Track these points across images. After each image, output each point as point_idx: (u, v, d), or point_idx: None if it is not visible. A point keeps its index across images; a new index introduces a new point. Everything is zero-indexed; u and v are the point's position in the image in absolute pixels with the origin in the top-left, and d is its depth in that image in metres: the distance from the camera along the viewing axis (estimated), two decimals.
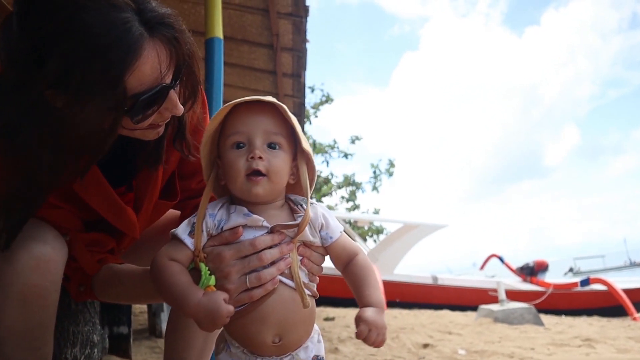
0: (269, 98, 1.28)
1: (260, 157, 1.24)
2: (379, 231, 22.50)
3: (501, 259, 15.69)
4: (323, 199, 22.36)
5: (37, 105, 1.12)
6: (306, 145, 1.31)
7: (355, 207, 23.03)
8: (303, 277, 1.27)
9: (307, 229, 1.28)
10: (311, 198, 1.33)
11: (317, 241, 1.31)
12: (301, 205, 1.32)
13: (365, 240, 20.69)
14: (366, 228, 22.08)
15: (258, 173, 1.24)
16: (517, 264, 15.42)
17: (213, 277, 1.23)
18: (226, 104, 1.28)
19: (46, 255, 1.33)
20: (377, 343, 1.20)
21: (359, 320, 1.20)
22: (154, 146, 1.46)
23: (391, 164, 23.51)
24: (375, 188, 23.33)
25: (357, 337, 1.21)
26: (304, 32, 4.79)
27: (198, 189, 1.68)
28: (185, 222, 1.29)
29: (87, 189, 1.43)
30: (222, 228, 1.27)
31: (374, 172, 23.43)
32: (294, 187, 1.37)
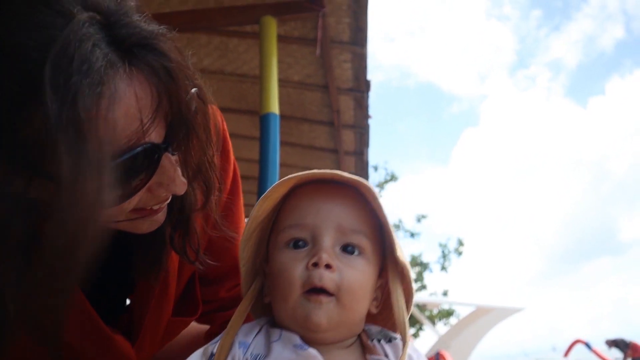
0: (349, 175, 0.86)
1: (328, 266, 0.80)
2: (449, 314, 21.39)
3: (588, 345, 14.39)
4: None
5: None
6: (401, 253, 0.88)
7: (423, 287, 22.12)
8: None
9: None
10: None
11: None
12: (379, 341, 0.87)
13: (434, 324, 19.66)
14: (435, 311, 21.06)
15: (321, 290, 0.80)
16: (602, 348, 14.11)
17: None
18: (284, 178, 0.88)
19: None
20: None
21: None
22: (149, 243, 0.95)
23: (460, 243, 22.71)
24: (444, 268, 22.44)
25: None
26: (366, 107, 4.60)
27: (230, 297, 1.18)
28: (200, 351, 0.86)
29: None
30: None
31: (442, 252, 22.64)
32: (375, 317, 0.93)
